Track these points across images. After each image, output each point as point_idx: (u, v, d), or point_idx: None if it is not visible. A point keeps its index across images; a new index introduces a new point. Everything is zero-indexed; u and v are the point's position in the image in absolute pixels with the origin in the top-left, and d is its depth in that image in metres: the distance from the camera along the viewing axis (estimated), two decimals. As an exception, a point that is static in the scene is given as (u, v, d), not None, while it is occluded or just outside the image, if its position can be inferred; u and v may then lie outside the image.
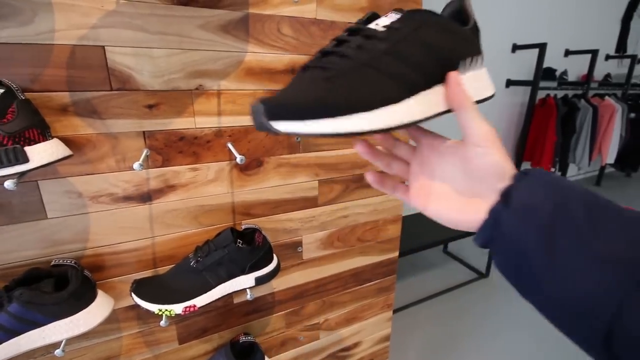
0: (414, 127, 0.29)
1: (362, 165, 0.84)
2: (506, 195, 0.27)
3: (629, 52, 3.62)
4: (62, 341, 0.52)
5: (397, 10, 0.29)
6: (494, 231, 0.27)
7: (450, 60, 0.28)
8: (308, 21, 0.68)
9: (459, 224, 0.30)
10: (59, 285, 0.53)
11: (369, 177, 0.34)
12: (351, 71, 0.25)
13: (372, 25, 0.28)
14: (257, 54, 0.65)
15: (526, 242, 0.25)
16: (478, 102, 0.31)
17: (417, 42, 0.27)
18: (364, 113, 0.24)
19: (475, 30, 0.31)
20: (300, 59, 0.69)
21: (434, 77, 0.28)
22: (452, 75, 0.28)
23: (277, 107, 0.24)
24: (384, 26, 0.28)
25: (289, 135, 0.26)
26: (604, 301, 0.22)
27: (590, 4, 3.18)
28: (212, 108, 0.63)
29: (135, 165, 0.50)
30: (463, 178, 0.29)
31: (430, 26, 0.28)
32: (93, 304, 0.55)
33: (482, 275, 2.20)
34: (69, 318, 0.52)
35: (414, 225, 1.80)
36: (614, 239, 0.23)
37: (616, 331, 0.21)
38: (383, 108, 0.24)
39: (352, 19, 0.72)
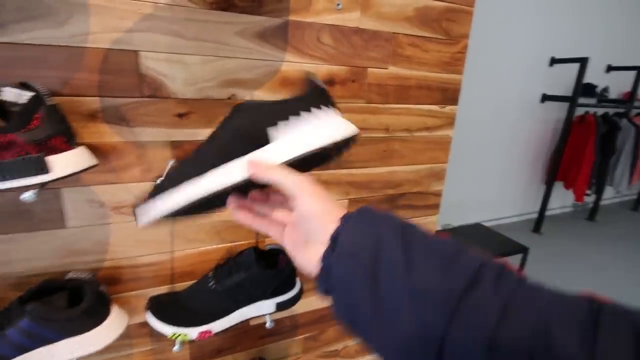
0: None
1: (396, 184, 0.79)
2: (334, 240, 0.27)
3: (678, 71, 3.39)
4: (71, 360, 0.50)
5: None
6: (328, 277, 0.27)
7: (256, 131, 0.32)
8: (350, 30, 0.64)
9: (310, 272, 0.30)
10: (73, 299, 0.50)
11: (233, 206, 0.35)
12: (185, 162, 0.35)
13: None
14: (294, 64, 0.61)
15: (355, 283, 0.25)
16: (339, 146, 0.34)
17: (229, 127, 0.33)
18: (172, 190, 0.32)
19: (313, 92, 0.36)
20: (340, 70, 0.65)
21: (242, 147, 0.32)
22: (249, 161, 0.31)
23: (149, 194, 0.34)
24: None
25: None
26: (428, 336, 0.22)
27: (637, 18, 2.99)
28: (244, 119, 0.60)
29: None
30: (304, 228, 0.30)
31: (239, 111, 0.34)
32: (106, 321, 0.51)
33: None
34: (80, 336, 0.49)
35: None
36: (427, 268, 0.23)
37: None
38: (185, 184, 0.31)
39: (397, 29, 0.67)
